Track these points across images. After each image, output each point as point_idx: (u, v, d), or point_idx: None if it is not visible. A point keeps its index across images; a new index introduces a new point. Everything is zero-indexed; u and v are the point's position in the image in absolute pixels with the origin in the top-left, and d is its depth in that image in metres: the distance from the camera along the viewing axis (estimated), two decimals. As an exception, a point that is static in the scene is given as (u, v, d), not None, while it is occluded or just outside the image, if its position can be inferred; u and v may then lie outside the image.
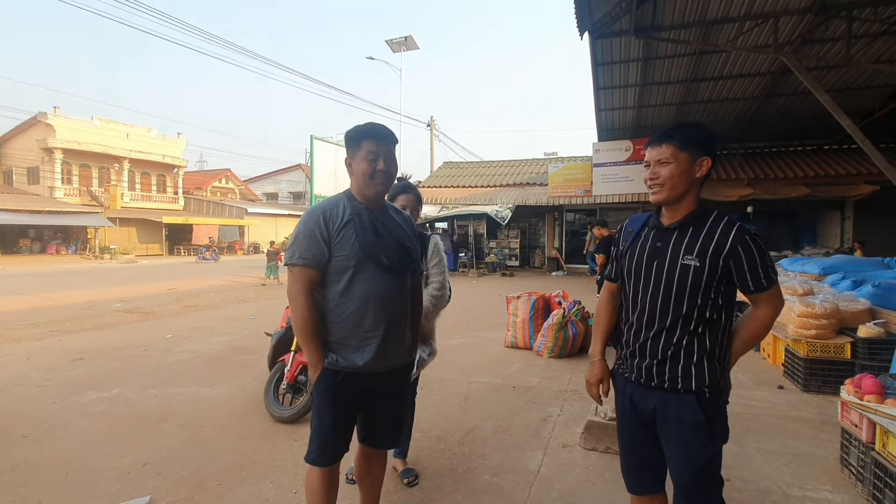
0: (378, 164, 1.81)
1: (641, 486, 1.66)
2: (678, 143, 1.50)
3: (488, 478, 2.71)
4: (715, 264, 1.46)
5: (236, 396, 4.06)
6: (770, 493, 2.54)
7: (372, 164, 1.80)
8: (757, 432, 3.30)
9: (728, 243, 1.47)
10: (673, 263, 1.50)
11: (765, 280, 1.49)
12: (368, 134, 1.82)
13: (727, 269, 1.48)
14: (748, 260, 1.46)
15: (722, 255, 1.46)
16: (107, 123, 29.27)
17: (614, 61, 9.96)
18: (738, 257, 1.46)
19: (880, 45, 8.85)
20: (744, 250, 1.46)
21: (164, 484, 2.64)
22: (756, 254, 1.47)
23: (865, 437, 2.50)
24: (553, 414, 3.66)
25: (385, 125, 1.87)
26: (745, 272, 1.48)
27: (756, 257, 1.47)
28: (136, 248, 28.28)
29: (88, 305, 9.25)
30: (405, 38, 22.56)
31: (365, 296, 1.77)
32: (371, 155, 1.80)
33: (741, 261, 1.47)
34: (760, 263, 1.48)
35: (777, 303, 1.54)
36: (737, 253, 1.46)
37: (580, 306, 5.71)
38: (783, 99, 11.65)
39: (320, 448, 1.84)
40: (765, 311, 1.53)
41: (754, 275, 1.48)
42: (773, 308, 1.53)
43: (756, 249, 1.47)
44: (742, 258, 1.46)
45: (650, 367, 1.54)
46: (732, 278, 1.50)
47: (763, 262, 1.48)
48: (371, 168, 1.80)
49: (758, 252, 1.47)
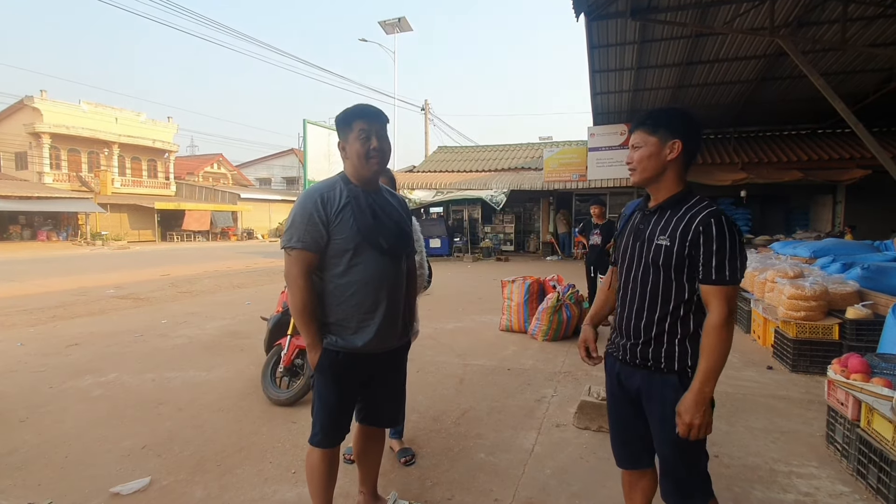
0: (371, 143, 1.80)
1: (630, 460, 1.71)
2: (647, 128, 1.54)
3: (484, 456, 2.77)
4: (683, 245, 1.44)
5: (233, 380, 4.09)
6: (757, 468, 2.61)
7: (365, 143, 1.79)
8: (746, 411, 3.38)
9: (694, 224, 1.43)
10: (649, 244, 1.52)
11: (715, 273, 1.40)
12: (359, 114, 1.81)
13: (692, 253, 1.44)
14: (706, 245, 1.41)
15: (689, 237, 1.44)
16: (95, 107, 28.77)
17: (610, 44, 9.88)
18: (698, 240, 1.42)
19: (875, 28, 8.83)
20: (704, 233, 1.41)
21: (164, 465, 2.68)
22: (715, 241, 1.40)
23: (851, 414, 2.56)
24: (547, 395, 3.72)
25: (374, 105, 1.87)
26: (699, 257, 1.43)
27: (714, 244, 1.40)
28: (129, 234, 28.06)
29: (81, 292, 9.20)
30: (398, 19, 22.23)
31: (364, 278, 1.78)
32: (363, 134, 1.79)
33: (699, 244, 1.42)
34: (717, 252, 1.40)
35: (723, 308, 1.40)
36: (698, 235, 1.42)
37: (574, 290, 5.77)
38: (778, 82, 11.64)
39: (324, 430, 1.86)
40: (712, 315, 1.43)
41: (707, 263, 1.41)
42: (718, 312, 1.41)
43: (717, 236, 1.40)
44: (701, 241, 1.42)
45: (634, 347, 1.57)
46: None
47: (720, 253, 1.40)
48: (365, 147, 1.79)
49: (717, 240, 1.40)
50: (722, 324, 1.41)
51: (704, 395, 1.42)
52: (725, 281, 1.41)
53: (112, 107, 29.84)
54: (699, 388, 1.42)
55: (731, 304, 1.43)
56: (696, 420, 1.42)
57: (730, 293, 1.42)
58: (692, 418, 1.42)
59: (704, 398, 1.42)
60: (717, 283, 1.41)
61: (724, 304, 1.41)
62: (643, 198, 1.67)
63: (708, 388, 1.42)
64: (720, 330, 1.41)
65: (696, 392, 1.42)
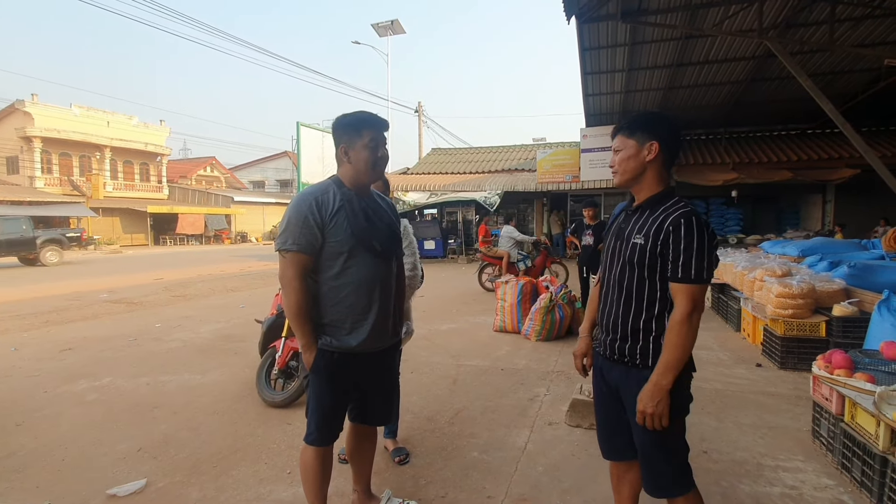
0: (379, 152, 1.86)
1: (615, 452, 1.75)
2: (626, 132, 1.61)
3: (477, 455, 2.80)
4: (655, 244, 1.49)
5: (228, 383, 4.10)
6: (745, 463, 2.67)
7: (374, 151, 1.84)
8: (735, 407, 3.44)
9: (666, 224, 1.48)
10: (627, 243, 1.58)
11: (681, 271, 1.44)
12: (369, 123, 1.85)
13: (663, 252, 1.48)
14: (674, 243, 1.45)
15: (661, 236, 1.48)
16: (87, 111, 28.60)
17: (601, 46, 9.96)
18: (668, 238, 1.47)
19: (863, 29, 8.96)
20: (674, 232, 1.46)
21: (160, 467, 2.69)
22: (683, 239, 1.44)
23: (835, 409, 2.62)
24: (540, 394, 3.77)
25: (371, 110, 1.91)
26: (667, 255, 1.47)
27: (682, 243, 1.44)
28: (121, 239, 27.87)
29: (75, 296, 9.16)
30: (391, 21, 22.25)
31: (358, 280, 1.83)
32: (373, 142, 1.84)
33: (668, 243, 1.46)
34: (684, 251, 1.44)
35: (687, 305, 1.44)
36: (668, 235, 1.46)
37: (567, 290, 5.82)
38: (767, 83, 11.77)
39: (319, 428, 1.90)
40: (676, 310, 1.47)
41: (675, 261, 1.45)
42: (681, 309, 1.45)
43: (685, 235, 1.44)
44: (670, 240, 1.46)
45: (613, 343, 1.63)
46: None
47: (687, 252, 1.43)
48: (373, 156, 1.84)
49: (685, 238, 1.44)
50: (683, 320, 1.45)
51: (660, 387, 1.47)
52: (690, 279, 1.45)
53: (104, 110, 29.67)
54: (656, 381, 1.47)
55: (695, 301, 1.46)
56: (650, 409, 1.47)
57: (694, 291, 1.46)
58: (645, 407, 1.48)
59: (660, 390, 1.47)
60: (682, 281, 1.46)
61: (688, 301, 1.46)
62: (630, 198, 1.73)
63: (665, 381, 1.46)
64: (681, 326, 1.45)
65: (653, 384, 1.48)
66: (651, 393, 1.47)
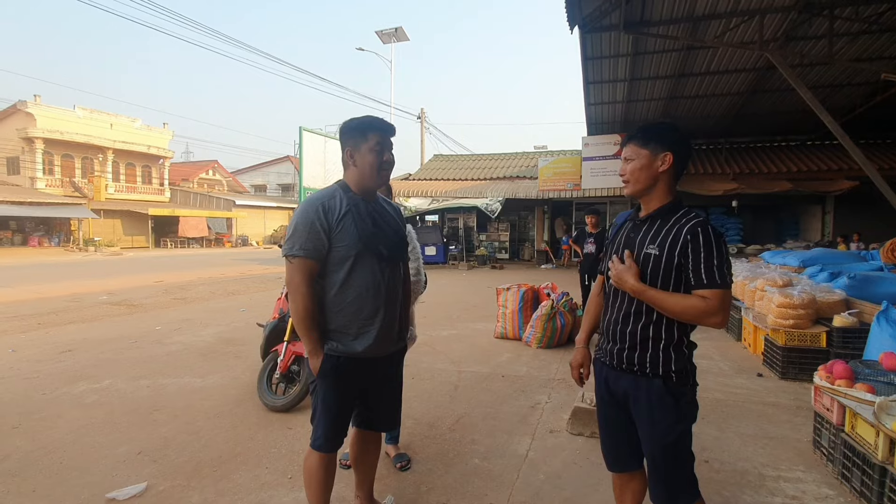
0: (384, 155, 1.87)
1: (619, 463, 1.75)
2: (639, 141, 1.61)
3: (478, 462, 2.80)
4: (672, 255, 1.51)
5: (229, 387, 4.09)
6: (746, 473, 2.66)
7: (379, 155, 1.85)
8: (736, 417, 3.43)
9: (682, 234, 1.51)
10: (638, 253, 1.59)
11: (706, 278, 1.47)
12: (375, 126, 1.87)
13: (681, 262, 1.51)
14: (693, 253, 1.48)
15: (678, 247, 1.50)
16: (90, 113, 28.68)
17: (604, 56, 10.05)
18: (686, 249, 1.49)
19: (860, 43, 9.06)
20: (692, 242, 1.49)
21: (160, 471, 2.68)
22: (702, 248, 1.48)
23: (836, 419, 2.62)
24: (541, 401, 3.76)
25: (378, 116, 1.93)
26: (688, 265, 1.50)
27: (702, 252, 1.48)
28: (122, 241, 27.89)
29: (74, 298, 9.14)
30: (395, 29, 22.45)
31: (364, 285, 1.83)
32: (379, 146, 1.85)
33: (687, 253, 1.49)
34: (705, 259, 1.47)
35: (713, 305, 1.46)
36: (686, 244, 1.49)
37: (568, 297, 5.82)
38: (768, 95, 11.87)
39: (326, 434, 1.88)
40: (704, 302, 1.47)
41: (696, 269, 1.48)
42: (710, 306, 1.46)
43: (704, 244, 1.48)
44: (689, 250, 1.49)
45: (621, 352, 1.62)
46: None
47: (708, 260, 1.47)
48: (379, 160, 1.85)
49: (705, 247, 1.48)
50: (707, 311, 1.46)
51: (639, 290, 1.54)
52: (717, 284, 1.46)
53: (107, 112, 29.75)
54: (642, 288, 1.53)
55: (723, 304, 1.46)
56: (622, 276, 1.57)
57: (724, 295, 1.47)
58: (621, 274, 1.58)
59: (638, 291, 1.54)
60: (710, 287, 1.47)
61: (719, 304, 1.46)
62: (635, 208, 1.74)
63: (646, 295, 1.53)
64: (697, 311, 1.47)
65: (641, 287, 1.53)
66: (634, 280, 1.55)
